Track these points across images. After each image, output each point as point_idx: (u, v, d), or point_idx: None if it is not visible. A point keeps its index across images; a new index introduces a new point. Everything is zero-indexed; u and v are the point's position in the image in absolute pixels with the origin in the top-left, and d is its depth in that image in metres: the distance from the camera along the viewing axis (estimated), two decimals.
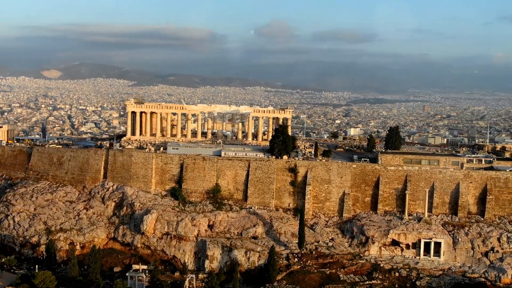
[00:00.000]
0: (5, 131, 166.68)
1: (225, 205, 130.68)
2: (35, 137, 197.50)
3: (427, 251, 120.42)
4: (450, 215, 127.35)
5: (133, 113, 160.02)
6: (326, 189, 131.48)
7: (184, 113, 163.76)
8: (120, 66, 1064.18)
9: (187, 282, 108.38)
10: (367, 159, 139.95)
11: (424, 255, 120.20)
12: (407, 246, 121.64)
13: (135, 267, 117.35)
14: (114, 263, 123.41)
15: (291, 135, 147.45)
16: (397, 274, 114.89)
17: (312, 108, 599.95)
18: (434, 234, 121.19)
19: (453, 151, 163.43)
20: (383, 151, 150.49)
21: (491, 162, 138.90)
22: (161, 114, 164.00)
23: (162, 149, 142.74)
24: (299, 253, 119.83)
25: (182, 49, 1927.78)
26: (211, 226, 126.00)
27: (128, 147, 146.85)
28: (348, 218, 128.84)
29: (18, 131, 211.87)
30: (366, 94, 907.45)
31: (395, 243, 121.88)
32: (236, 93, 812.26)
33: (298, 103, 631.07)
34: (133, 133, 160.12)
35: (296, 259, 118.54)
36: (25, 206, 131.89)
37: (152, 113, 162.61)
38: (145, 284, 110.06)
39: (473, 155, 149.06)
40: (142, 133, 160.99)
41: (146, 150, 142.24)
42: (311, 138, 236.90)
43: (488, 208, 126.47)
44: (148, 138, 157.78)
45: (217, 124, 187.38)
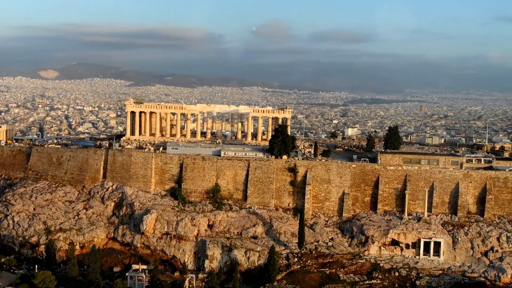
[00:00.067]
0: (3, 131, 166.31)
1: (224, 205, 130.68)
2: (34, 137, 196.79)
3: (426, 251, 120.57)
4: (450, 215, 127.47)
5: (132, 113, 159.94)
6: (325, 189, 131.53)
7: (184, 113, 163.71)
8: (117, 66, 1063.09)
9: (187, 282, 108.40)
10: (366, 159, 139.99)
11: (423, 255, 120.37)
12: (407, 246, 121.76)
13: (134, 267, 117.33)
14: (113, 263, 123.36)
15: (290, 135, 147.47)
16: (396, 274, 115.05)
17: (310, 108, 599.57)
18: (434, 234, 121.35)
19: (452, 151, 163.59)
20: (383, 151, 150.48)
21: (490, 162, 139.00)
22: (161, 114, 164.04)
23: (161, 149, 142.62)
24: (299, 252, 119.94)
25: (180, 49, 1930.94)
26: (210, 226, 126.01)
27: (127, 147, 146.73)
28: (348, 218, 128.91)
29: (15, 131, 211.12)
30: (363, 94, 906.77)
31: (394, 242, 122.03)
32: (234, 93, 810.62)
33: (295, 103, 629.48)
34: (133, 133, 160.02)
35: (296, 259, 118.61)
36: (24, 206, 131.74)
37: (151, 113, 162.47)
38: (145, 284, 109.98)
39: (472, 155, 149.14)
40: (141, 133, 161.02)
41: (146, 150, 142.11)
42: (309, 138, 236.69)
43: (488, 208, 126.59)
44: (147, 138, 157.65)
45: (216, 124, 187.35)
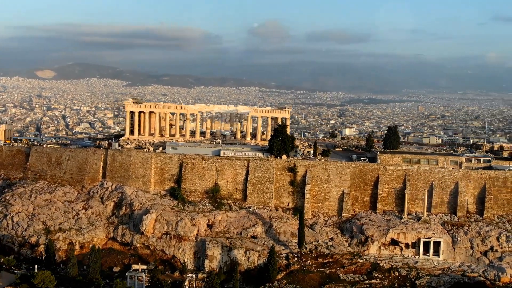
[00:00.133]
0: (2, 131, 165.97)
1: (224, 205, 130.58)
2: (32, 137, 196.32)
3: (426, 251, 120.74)
4: (449, 215, 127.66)
5: (132, 112, 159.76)
6: (325, 188, 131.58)
7: (183, 113, 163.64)
8: (114, 66, 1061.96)
9: (187, 282, 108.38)
10: (366, 159, 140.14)
11: (423, 255, 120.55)
12: (407, 246, 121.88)
13: (134, 267, 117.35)
14: (113, 263, 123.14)
15: (290, 134, 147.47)
16: (396, 274, 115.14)
17: (307, 108, 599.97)
18: (433, 234, 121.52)
19: (451, 151, 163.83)
20: (382, 150, 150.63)
21: (489, 161, 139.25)
22: (160, 113, 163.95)
23: (161, 148, 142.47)
24: (299, 252, 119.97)
25: (176, 49, 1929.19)
26: (210, 226, 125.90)
27: (127, 147, 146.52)
28: (348, 218, 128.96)
29: (13, 131, 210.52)
30: (360, 94, 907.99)
31: (394, 242, 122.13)
32: (231, 93, 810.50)
33: (292, 103, 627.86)
34: (132, 132, 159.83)
35: (296, 259, 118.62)
36: (23, 206, 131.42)
37: (151, 113, 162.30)
38: (145, 284, 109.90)
39: (471, 154, 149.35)
40: (140, 132, 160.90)
41: (145, 150, 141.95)
42: (307, 138, 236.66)
43: (487, 208, 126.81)
44: (146, 137, 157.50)
45: (215, 124, 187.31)
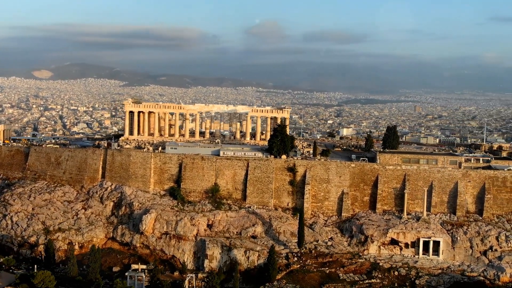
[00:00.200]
0: (1, 131, 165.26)
1: (224, 205, 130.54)
2: (31, 137, 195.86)
3: (426, 250, 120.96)
4: (449, 214, 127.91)
5: (131, 112, 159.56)
6: (325, 188, 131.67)
7: (182, 113, 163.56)
8: (111, 66, 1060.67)
9: (186, 282, 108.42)
10: (365, 159, 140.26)
11: (423, 254, 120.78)
12: (406, 245, 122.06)
13: (134, 266, 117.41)
14: (113, 263, 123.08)
15: (289, 134, 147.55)
16: (396, 273, 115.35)
17: (304, 109, 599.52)
18: (433, 233, 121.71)
19: (450, 151, 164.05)
20: (381, 150, 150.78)
21: (489, 161, 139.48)
22: (159, 113, 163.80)
23: (160, 148, 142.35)
24: (299, 252, 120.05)
25: (174, 49, 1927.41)
26: (210, 226, 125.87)
27: (126, 146, 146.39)
28: (347, 217, 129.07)
29: (11, 131, 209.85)
30: (357, 94, 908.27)
31: (394, 242, 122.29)
32: (228, 94, 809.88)
33: (289, 103, 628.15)
34: (131, 132, 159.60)
35: (296, 258, 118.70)
36: (23, 206, 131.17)
37: (150, 113, 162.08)
38: (145, 283, 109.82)
39: (470, 154, 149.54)
40: (140, 132, 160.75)
41: (145, 150, 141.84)
42: (306, 138, 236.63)
43: (487, 207, 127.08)
44: (146, 137, 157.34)
45: (214, 124, 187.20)
